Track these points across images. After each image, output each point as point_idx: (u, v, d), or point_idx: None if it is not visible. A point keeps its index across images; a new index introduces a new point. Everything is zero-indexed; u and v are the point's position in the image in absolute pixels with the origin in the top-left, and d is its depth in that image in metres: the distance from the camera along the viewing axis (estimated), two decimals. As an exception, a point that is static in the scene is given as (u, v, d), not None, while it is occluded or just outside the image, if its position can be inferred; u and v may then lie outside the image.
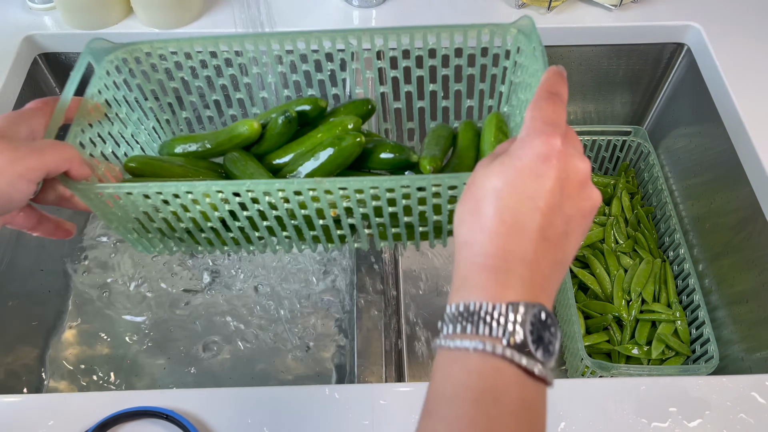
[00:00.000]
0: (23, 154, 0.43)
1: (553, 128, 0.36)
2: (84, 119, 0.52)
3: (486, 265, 0.35)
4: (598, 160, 1.05)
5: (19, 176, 0.42)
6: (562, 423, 0.55)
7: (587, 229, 0.38)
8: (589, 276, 0.92)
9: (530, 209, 0.35)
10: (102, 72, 0.55)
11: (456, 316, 0.34)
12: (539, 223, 0.35)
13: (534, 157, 0.35)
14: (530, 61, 0.52)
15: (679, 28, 0.90)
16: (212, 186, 0.46)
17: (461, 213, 0.37)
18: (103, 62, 0.55)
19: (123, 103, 0.58)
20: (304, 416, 0.55)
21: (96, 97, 0.53)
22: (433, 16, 0.89)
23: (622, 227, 0.96)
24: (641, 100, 1.02)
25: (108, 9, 0.85)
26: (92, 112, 0.53)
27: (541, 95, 0.38)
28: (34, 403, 0.56)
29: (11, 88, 0.82)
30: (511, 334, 0.32)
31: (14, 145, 0.43)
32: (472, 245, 0.36)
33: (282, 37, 0.58)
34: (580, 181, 0.36)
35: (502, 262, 0.34)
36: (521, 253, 0.34)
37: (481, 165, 0.38)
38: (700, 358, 0.82)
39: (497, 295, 0.34)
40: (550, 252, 0.35)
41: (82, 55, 0.53)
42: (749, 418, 0.56)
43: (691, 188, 0.92)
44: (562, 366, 0.90)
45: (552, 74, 0.39)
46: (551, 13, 0.90)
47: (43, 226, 0.51)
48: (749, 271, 0.78)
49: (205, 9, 0.89)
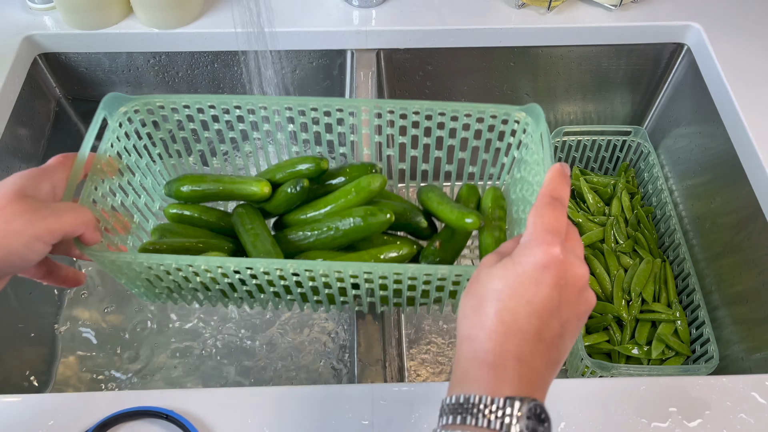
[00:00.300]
0: (43, 216, 0.44)
1: (553, 237, 0.38)
2: (97, 176, 0.54)
3: (485, 361, 0.37)
4: (598, 160, 1.05)
5: (37, 238, 0.43)
6: (562, 423, 0.55)
7: (581, 328, 0.41)
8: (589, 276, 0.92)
9: (528, 313, 0.37)
10: (115, 125, 0.56)
11: (455, 407, 0.36)
12: (536, 325, 0.37)
13: (534, 265, 0.38)
14: (536, 146, 0.54)
15: (679, 28, 0.90)
16: (212, 261, 0.49)
17: (464, 308, 0.40)
18: (117, 115, 0.57)
19: (132, 151, 0.59)
20: (304, 416, 0.55)
21: (108, 150, 0.55)
22: (433, 16, 0.89)
23: (622, 227, 0.96)
24: (641, 100, 1.02)
25: (108, 9, 0.85)
26: (105, 167, 0.55)
27: (543, 200, 0.40)
28: (34, 403, 0.56)
29: (11, 88, 0.82)
30: (507, 427, 0.34)
31: (35, 206, 0.44)
32: (474, 341, 0.38)
33: (296, 101, 0.60)
34: (578, 287, 0.39)
35: (500, 359, 0.37)
36: (518, 353, 0.37)
37: (485, 264, 0.40)
38: (700, 358, 0.82)
39: (495, 390, 0.36)
40: (545, 352, 0.38)
41: (98, 111, 0.55)
42: (749, 418, 0.56)
43: (691, 188, 0.92)
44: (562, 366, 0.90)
45: (555, 175, 0.41)
46: (551, 12, 0.90)
47: (54, 275, 0.52)
48: (749, 271, 0.78)
49: (205, 9, 0.89)
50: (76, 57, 0.89)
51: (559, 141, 1.01)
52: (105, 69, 0.91)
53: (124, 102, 0.57)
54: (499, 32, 0.89)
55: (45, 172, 0.48)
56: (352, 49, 0.90)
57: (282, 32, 0.87)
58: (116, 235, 0.57)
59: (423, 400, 0.56)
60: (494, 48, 0.92)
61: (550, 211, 0.39)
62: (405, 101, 0.59)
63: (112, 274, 0.54)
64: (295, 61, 0.92)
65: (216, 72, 0.93)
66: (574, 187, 1.03)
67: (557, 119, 1.05)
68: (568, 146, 1.03)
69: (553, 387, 0.57)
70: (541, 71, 0.96)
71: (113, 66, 0.91)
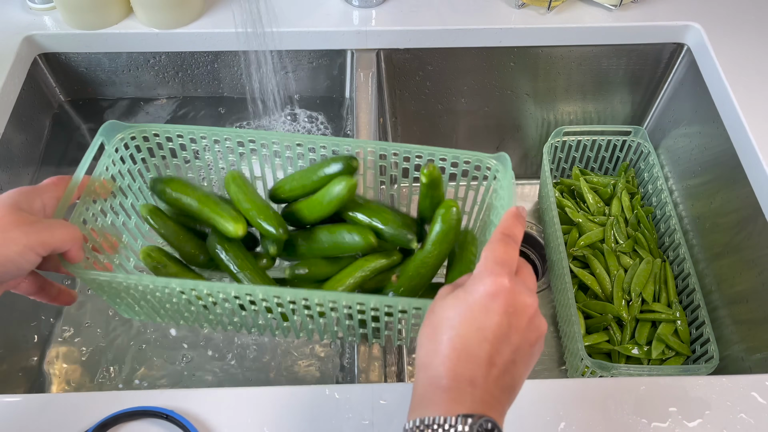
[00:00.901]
0: (37, 229, 0.47)
1: (502, 268, 0.41)
2: (89, 197, 0.56)
3: (440, 385, 0.39)
4: (598, 160, 1.05)
5: (30, 248, 0.46)
6: (562, 423, 0.55)
7: (536, 356, 0.43)
8: (589, 276, 0.92)
9: (479, 339, 0.40)
10: (111, 150, 0.58)
11: (414, 430, 0.38)
12: (487, 351, 0.39)
13: (484, 294, 0.40)
14: (504, 191, 0.56)
15: (679, 28, 0.90)
16: (188, 284, 0.51)
17: (421, 338, 0.42)
18: (114, 141, 0.59)
19: (126, 174, 0.61)
20: (304, 416, 0.55)
21: (103, 173, 0.57)
22: (432, 16, 0.89)
23: (622, 227, 0.96)
24: (641, 100, 1.02)
25: (108, 9, 0.85)
26: (98, 189, 0.57)
27: (496, 237, 0.43)
28: (34, 403, 0.56)
29: (11, 88, 0.82)
30: None
31: (30, 219, 0.47)
32: (428, 367, 0.40)
33: (290, 138, 0.61)
34: (528, 315, 0.41)
35: (454, 382, 0.39)
36: (471, 376, 0.39)
37: (440, 296, 0.43)
38: (700, 358, 0.82)
39: (450, 410, 0.38)
40: (499, 377, 0.40)
41: (96, 137, 0.57)
42: (749, 418, 0.56)
43: (691, 188, 0.92)
44: (562, 366, 0.90)
45: (510, 216, 0.44)
46: (551, 12, 0.90)
47: (45, 291, 0.55)
48: (749, 271, 0.78)
49: (205, 9, 0.89)
50: (76, 57, 0.89)
51: (559, 141, 1.01)
52: (105, 69, 0.91)
53: (122, 129, 0.59)
54: (499, 32, 0.89)
55: (37, 190, 0.51)
56: (352, 49, 0.90)
57: (282, 32, 0.87)
58: (103, 254, 0.58)
59: (423, 400, 0.56)
60: (494, 48, 0.92)
61: (502, 246, 0.42)
62: (386, 144, 0.60)
63: (94, 290, 0.56)
64: (295, 61, 0.92)
65: (216, 72, 0.93)
66: (574, 187, 1.03)
67: (557, 119, 1.05)
68: (568, 146, 1.03)
69: (553, 387, 0.57)
70: (541, 71, 0.96)
71: (113, 66, 0.91)
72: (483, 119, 1.04)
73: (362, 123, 0.83)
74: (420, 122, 1.04)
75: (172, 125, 0.60)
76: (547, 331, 0.44)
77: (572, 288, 0.85)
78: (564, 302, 0.87)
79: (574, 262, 0.95)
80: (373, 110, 0.85)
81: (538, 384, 0.57)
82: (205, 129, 0.61)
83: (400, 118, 1.02)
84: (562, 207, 1.00)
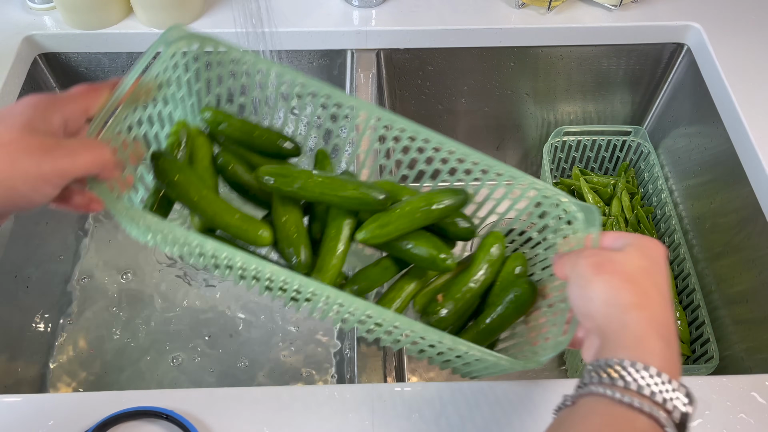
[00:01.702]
0: (55, 156, 0.39)
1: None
2: (131, 104, 0.49)
3: (662, 335, 0.39)
4: (598, 160, 1.05)
5: (45, 180, 0.39)
6: (562, 423, 0.55)
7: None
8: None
9: (663, 293, 0.42)
10: (167, 55, 0.53)
11: (643, 377, 0.37)
12: (670, 307, 0.42)
13: (658, 253, 0.44)
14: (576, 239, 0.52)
15: (679, 28, 0.90)
16: (221, 250, 0.46)
17: (626, 276, 0.41)
18: (173, 46, 0.53)
19: (174, 81, 0.56)
20: (304, 416, 0.55)
21: (151, 80, 0.51)
22: (433, 16, 0.89)
23: (622, 227, 0.96)
24: (641, 100, 1.02)
25: (108, 9, 0.85)
26: (142, 95, 0.50)
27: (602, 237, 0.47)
28: (34, 403, 0.56)
29: (11, 88, 0.82)
30: (683, 417, 0.36)
31: (46, 144, 0.39)
32: (645, 308, 0.40)
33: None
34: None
35: (672, 336, 0.39)
36: (672, 332, 0.40)
37: (608, 247, 0.46)
38: (700, 358, 0.82)
39: (672, 372, 0.37)
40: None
41: (157, 42, 0.51)
42: (749, 418, 0.56)
43: (691, 188, 0.92)
44: (562, 366, 0.90)
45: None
46: (551, 12, 0.90)
47: (65, 200, 0.44)
48: (749, 271, 0.78)
49: (205, 9, 0.89)
50: (76, 57, 0.89)
51: (559, 141, 1.01)
52: (105, 69, 0.91)
53: (184, 36, 0.54)
54: (499, 32, 0.89)
55: (58, 101, 0.42)
56: (352, 49, 0.90)
57: (282, 32, 0.87)
58: (127, 166, 0.51)
59: (423, 400, 0.56)
60: (494, 48, 0.92)
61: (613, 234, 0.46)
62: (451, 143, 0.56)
63: (119, 219, 0.50)
64: (295, 61, 0.92)
65: (216, 72, 0.93)
66: (574, 187, 1.03)
67: (557, 119, 1.05)
68: (568, 146, 1.03)
69: (553, 387, 0.57)
70: (541, 71, 0.96)
71: (113, 66, 0.91)
72: (483, 119, 1.04)
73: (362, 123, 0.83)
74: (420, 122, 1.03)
75: (244, 50, 0.55)
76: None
77: (572, 288, 0.85)
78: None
79: (574, 262, 0.95)
80: (373, 110, 0.85)
81: (538, 384, 0.57)
82: (263, 63, 0.56)
83: (400, 118, 1.02)
84: (562, 207, 1.00)
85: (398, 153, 0.59)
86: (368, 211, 0.56)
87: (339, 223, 0.56)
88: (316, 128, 0.61)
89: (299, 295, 0.50)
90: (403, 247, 0.56)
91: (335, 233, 0.56)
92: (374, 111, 0.57)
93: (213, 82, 0.60)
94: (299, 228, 0.56)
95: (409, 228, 0.55)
